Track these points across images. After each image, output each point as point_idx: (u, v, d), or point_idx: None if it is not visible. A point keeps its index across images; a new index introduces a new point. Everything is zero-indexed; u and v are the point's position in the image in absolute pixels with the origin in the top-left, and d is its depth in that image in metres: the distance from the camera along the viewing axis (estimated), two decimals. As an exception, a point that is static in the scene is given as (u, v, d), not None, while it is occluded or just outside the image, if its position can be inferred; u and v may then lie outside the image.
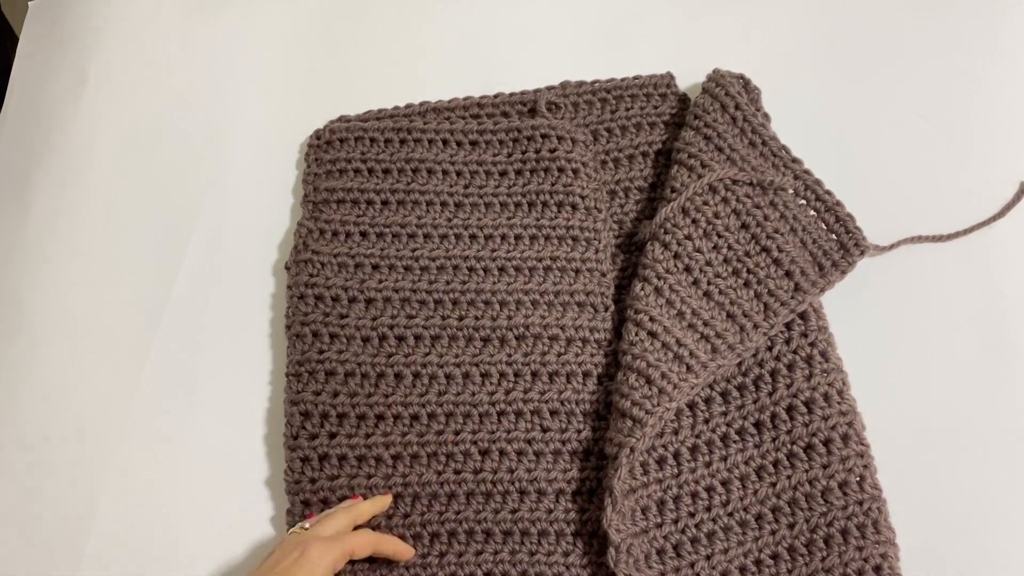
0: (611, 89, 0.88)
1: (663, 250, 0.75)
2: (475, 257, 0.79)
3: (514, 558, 0.68)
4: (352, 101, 0.89)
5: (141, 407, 0.75)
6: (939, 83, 0.90)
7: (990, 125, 0.87)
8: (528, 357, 0.74)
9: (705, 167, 0.78)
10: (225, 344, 0.78)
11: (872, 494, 0.67)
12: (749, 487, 0.69)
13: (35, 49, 0.98)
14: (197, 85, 0.93)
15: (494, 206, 0.82)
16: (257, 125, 0.90)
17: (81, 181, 0.87)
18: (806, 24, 0.94)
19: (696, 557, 0.67)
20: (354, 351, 0.74)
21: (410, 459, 0.71)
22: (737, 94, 0.83)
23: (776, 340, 0.73)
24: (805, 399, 0.71)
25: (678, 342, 0.71)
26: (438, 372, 0.74)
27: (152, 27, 0.97)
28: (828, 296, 0.77)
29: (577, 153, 0.83)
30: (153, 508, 0.72)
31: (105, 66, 0.94)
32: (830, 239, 0.78)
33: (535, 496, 0.70)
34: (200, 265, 0.82)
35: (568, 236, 0.80)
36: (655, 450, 0.70)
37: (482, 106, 0.87)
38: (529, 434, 0.72)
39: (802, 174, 0.80)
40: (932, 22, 0.93)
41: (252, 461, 0.73)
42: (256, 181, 0.87)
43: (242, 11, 0.97)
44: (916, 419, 0.73)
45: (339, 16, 0.97)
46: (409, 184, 0.82)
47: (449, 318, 0.76)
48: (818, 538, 0.66)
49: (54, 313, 0.81)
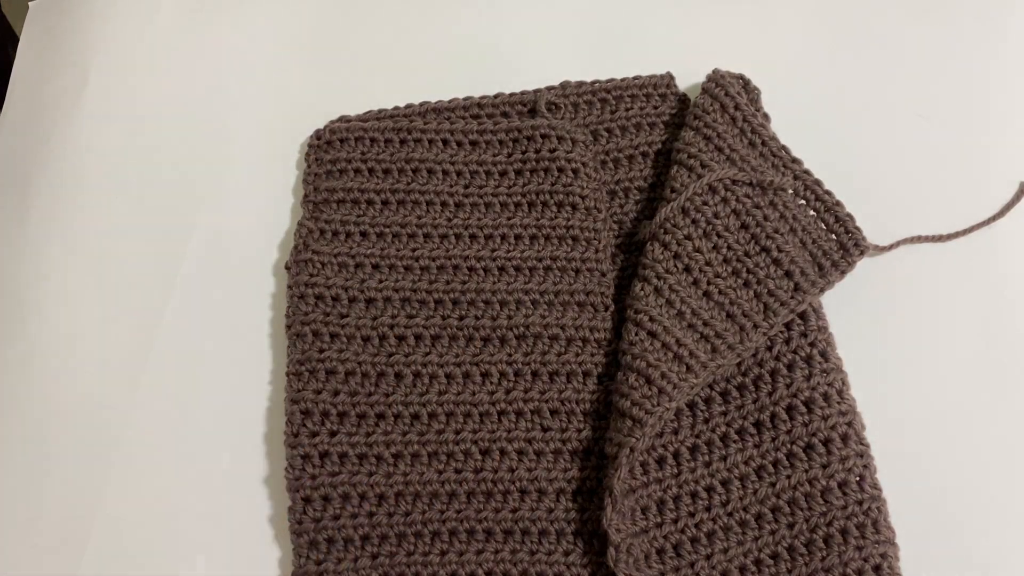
0: (611, 89, 0.87)
1: (663, 250, 0.75)
2: (475, 257, 0.79)
3: (515, 557, 0.68)
4: (352, 101, 0.89)
5: (141, 407, 0.75)
6: (939, 83, 0.90)
7: (990, 125, 0.87)
8: (528, 357, 0.74)
9: (705, 167, 0.78)
10: (225, 344, 0.78)
11: (872, 494, 0.67)
12: (749, 487, 0.69)
13: (35, 49, 0.98)
14: (197, 85, 0.93)
15: (494, 206, 0.82)
16: (257, 125, 0.90)
17: (81, 181, 0.87)
18: (806, 24, 0.94)
19: (696, 557, 0.67)
20: (354, 350, 0.74)
21: (411, 458, 0.71)
22: (737, 94, 0.83)
23: (776, 340, 0.73)
24: (805, 399, 0.71)
25: (678, 342, 0.71)
26: (438, 372, 0.74)
27: (152, 27, 0.97)
28: (828, 296, 0.77)
29: (577, 153, 0.83)
30: (153, 507, 0.72)
31: (105, 66, 0.94)
32: (830, 239, 0.78)
33: (535, 495, 0.70)
34: (200, 265, 0.82)
35: (568, 236, 0.80)
36: (655, 450, 0.70)
37: (482, 106, 0.87)
38: (529, 433, 0.72)
39: (802, 174, 0.80)
40: (932, 22, 0.93)
41: (252, 459, 0.73)
42: (256, 181, 0.87)
43: (242, 11, 0.97)
44: (916, 419, 0.73)
45: (339, 16, 0.97)
46: (409, 184, 0.83)
47: (449, 318, 0.76)
48: (818, 538, 0.66)
49: (54, 314, 0.80)
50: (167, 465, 0.73)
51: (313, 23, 0.96)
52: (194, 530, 0.70)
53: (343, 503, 0.69)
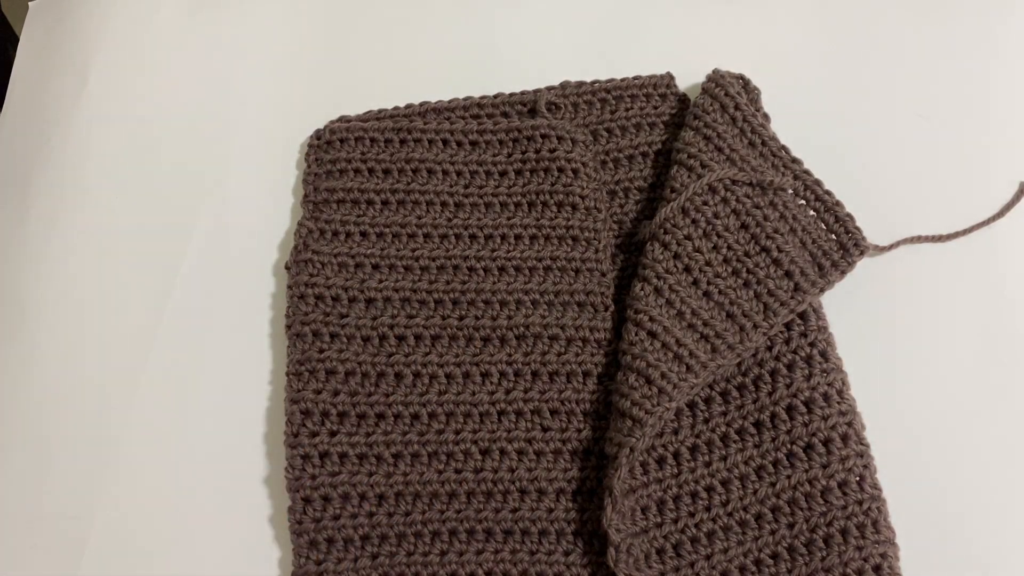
0: (611, 89, 0.87)
1: (663, 250, 0.75)
2: (475, 257, 0.79)
3: (514, 557, 0.68)
4: (352, 101, 0.89)
5: (141, 406, 0.75)
6: (939, 83, 0.90)
7: (990, 125, 0.87)
8: (528, 357, 0.74)
9: (705, 167, 0.78)
10: (225, 344, 0.78)
11: (872, 494, 0.67)
12: (749, 487, 0.69)
13: (35, 49, 0.98)
14: (197, 85, 0.93)
15: (494, 206, 0.82)
16: (257, 125, 0.90)
17: (81, 181, 0.87)
18: (806, 24, 0.94)
19: (696, 557, 0.67)
20: (354, 350, 0.74)
21: (411, 458, 0.71)
22: (737, 94, 0.83)
23: (776, 340, 0.73)
24: (805, 399, 0.71)
25: (678, 342, 0.71)
26: (438, 372, 0.74)
27: (152, 27, 0.97)
28: (828, 296, 0.77)
29: (577, 153, 0.83)
30: (153, 507, 0.72)
31: (105, 66, 0.94)
32: (830, 239, 0.78)
33: (535, 495, 0.70)
34: (200, 265, 0.82)
35: (568, 236, 0.80)
36: (655, 450, 0.70)
37: (482, 106, 0.87)
38: (529, 433, 0.72)
39: (802, 174, 0.80)
40: (932, 22, 0.93)
41: (252, 460, 0.73)
42: (256, 181, 0.87)
43: (242, 11, 0.97)
44: (916, 419, 0.73)
45: (339, 16, 0.97)
46: (409, 184, 0.83)
47: (449, 318, 0.76)
48: (818, 538, 0.66)
49: (54, 313, 0.80)
50: (167, 465, 0.73)
51: (313, 23, 0.96)
52: (194, 530, 0.70)
53: (343, 503, 0.69)
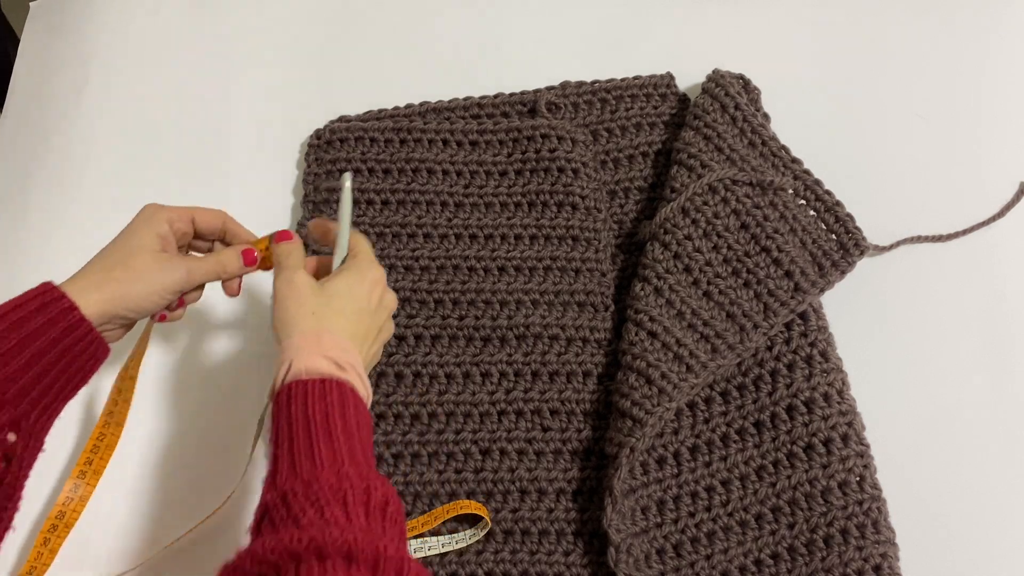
0: (611, 89, 0.87)
1: (663, 250, 0.75)
2: (475, 257, 0.79)
3: (515, 557, 0.68)
4: (352, 101, 0.89)
5: (141, 406, 0.75)
6: (939, 83, 0.90)
7: (990, 125, 0.87)
8: (528, 357, 0.74)
9: (705, 167, 0.78)
10: (225, 344, 0.78)
11: (872, 494, 0.67)
12: (749, 487, 0.69)
13: (35, 49, 0.98)
14: (197, 85, 0.93)
15: (494, 206, 0.82)
16: (257, 125, 0.90)
17: (81, 181, 0.87)
18: (806, 24, 0.94)
19: (696, 557, 0.67)
20: (354, 351, 0.74)
21: (411, 458, 0.71)
22: (737, 94, 0.83)
23: (776, 340, 0.74)
24: (805, 399, 0.71)
25: (678, 342, 0.71)
26: (438, 372, 0.74)
27: (152, 26, 0.97)
28: (828, 296, 0.77)
29: (577, 153, 0.83)
30: (152, 507, 0.72)
31: (105, 66, 0.94)
32: (830, 239, 0.78)
33: (536, 495, 0.70)
34: (200, 265, 0.82)
35: (568, 236, 0.80)
36: (655, 450, 0.70)
37: (482, 106, 0.87)
38: (529, 434, 0.72)
39: (802, 174, 0.80)
40: (932, 22, 0.93)
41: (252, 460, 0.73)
42: (256, 181, 0.87)
43: (242, 11, 0.97)
44: (916, 419, 0.73)
45: (339, 16, 0.97)
46: (409, 184, 0.83)
47: (449, 318, 0.76)
48: (818, 538, 0.66)
49: (54, 313, 0.80)
50: (167, 465, 0.73)
51: (313, 23, 0.96)
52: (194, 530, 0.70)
53: (343, 503, 0.69)
